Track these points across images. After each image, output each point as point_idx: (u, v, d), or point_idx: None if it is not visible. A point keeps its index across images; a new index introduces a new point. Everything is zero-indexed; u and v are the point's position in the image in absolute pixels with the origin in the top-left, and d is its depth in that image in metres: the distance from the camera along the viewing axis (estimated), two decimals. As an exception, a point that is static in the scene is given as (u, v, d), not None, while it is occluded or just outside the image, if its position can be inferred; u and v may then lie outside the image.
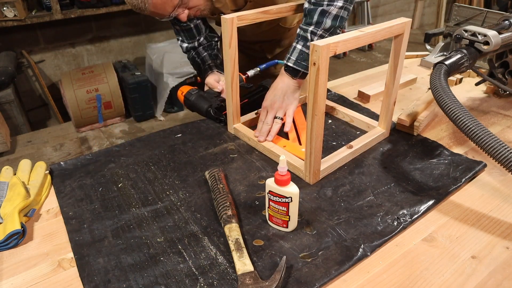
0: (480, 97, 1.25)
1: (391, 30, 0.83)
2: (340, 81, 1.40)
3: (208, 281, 0.63)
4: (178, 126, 1.10)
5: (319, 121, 0.77)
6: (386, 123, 1.00)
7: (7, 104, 2.58)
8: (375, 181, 0.86)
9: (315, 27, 0.92)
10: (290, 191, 0.68)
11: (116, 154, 0.98)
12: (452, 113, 0.76)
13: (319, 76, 0.72)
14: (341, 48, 0.73)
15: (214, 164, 0.93)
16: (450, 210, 0.78)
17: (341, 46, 0.73)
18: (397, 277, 0.64)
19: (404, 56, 0.91)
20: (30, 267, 0.68)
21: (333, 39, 0.72)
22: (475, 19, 1.34)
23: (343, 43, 0.73)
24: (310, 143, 0.80)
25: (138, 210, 0.79)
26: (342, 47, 0.73)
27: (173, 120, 3.28)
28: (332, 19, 0.92)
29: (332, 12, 0.91)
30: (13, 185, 0.81)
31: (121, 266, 0.66)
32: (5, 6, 2.54)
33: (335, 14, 0.91)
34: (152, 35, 3.48)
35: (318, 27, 0.92)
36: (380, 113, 1.00)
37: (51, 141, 2.45)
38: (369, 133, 1.00)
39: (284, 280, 0.63)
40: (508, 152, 0.67)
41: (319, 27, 0.92)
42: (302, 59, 0.95)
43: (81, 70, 3.07)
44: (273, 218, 0.72)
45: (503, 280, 0.63)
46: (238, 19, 0.91)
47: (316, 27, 0.92)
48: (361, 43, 0.77)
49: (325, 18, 0.91)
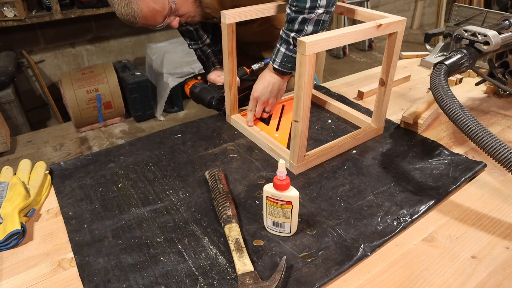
0: (480, 97, 1.25)
1: (384, 28, 0.84)
2: (340, 81, 1.40)
3: (208, 281, 0.63)
4: (178, 126, 1.10)
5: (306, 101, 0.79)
6: (379, 120, 1.00)
7: (7, 104, 2.58)
8: (375, 181, 0.86)
9: (297, 33, 0.95)
10: (291, 195, 0.67)
11: (116, 154, 0.98)
12: (452, 113, 0.76)
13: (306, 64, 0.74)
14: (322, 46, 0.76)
15: (214, 164, 0.93)
16: (450, 210, 0.78)
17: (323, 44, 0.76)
18: (397, 277, 0.64)
19: (398, 55, 0.92)
20: (30, 267, 0.68)
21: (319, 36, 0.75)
22: (475, 19, 1.34)
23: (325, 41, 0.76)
24: (296, 123, 0.82)
25: (138, 210, 0.79)
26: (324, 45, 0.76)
27: (173, 120, 3.28)
28: (314, 25, 0.94)
29: (313, 18, 0.93)
30: (13, 185, 0.81)
31: (121, 266, 0.66)
32: (5, 6, 2.54)
33: (316, 19, 0.93)
34: (152, 35, 3.48)
35: (299, 33, 0.95)
36: (373, 110, 1.01)
37: (51, 141, 2.45)
38: (361, 130, 1.01)
39: (284, 280, 0.63)
40: (508, 152, 0.67)
41: (300, 33, 0.95)
42: (287, 61, 0.99)
43: (81, 70, 3.07)
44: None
45: (503, 280, 0.63)
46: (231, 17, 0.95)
47: (298, 34, 0.95)
48: (345, 41, 0.79)
49: (306, 25, 0.94)
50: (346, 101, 1.22)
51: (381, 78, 0.94)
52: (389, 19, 0.86)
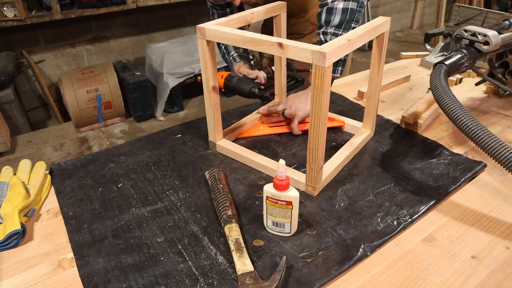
0: (480, 97, 1.25)
1: (375, 31, 0.82)
2: (340, 81, 1.40)
3: (208, 281, 0.63)
4: (178, 126, 1.10)
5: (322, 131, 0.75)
6: (370, 124, 1.00)
7: (7, 104, 2.58)
8: (375, 181, 0.86)
9: (326, 27, 0.91)
10: (291, 195, 0.67)
11: (116, 154, 0.98)
12: (452, 113, 0.76)
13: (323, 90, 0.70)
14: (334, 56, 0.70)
15: (214, 164, 0.93)
16: (450, 210, 0.78)
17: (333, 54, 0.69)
18: (397, 277, 0.64)
19: (385, 55, 0.90)
20: (30, 267, 0.68)
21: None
22: (475, 19, 1.34)
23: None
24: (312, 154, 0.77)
25: (138, 210, 0.79)
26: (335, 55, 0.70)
27: (173, 120, 3.28)
28: (341, 13, 0.89)
29: (338, 7, 0.89)
30: (13, 185, 0.81)
31: (121, 266, 0.66)
32: (5, 6, 2.54)
33: (342, 8, 0.89)
34: (152, 35, 3.48)
35: (328, 25, 0.90)
36: (364, 114, 1.00)
37: (51, 141, 2.45)
38: (355, 137, 0.99)
39: (284, 280, 0.63)
40: (508, 152, 0.67)
41: (328, 25, 0.91)
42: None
43: (81, 70, 3.07)
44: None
45: (503, 280, 0.63)
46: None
47: (326, 27, 0.91)
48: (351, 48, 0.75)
49: (332, 16, 0.89)
50: (347, 101, 1.22)
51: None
52: (377, 22, 0.83)
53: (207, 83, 0.89)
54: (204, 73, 0.88)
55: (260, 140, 1.03)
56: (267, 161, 0.90)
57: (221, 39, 0.80)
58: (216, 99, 0.92)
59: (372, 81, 0.92)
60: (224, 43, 1.29)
